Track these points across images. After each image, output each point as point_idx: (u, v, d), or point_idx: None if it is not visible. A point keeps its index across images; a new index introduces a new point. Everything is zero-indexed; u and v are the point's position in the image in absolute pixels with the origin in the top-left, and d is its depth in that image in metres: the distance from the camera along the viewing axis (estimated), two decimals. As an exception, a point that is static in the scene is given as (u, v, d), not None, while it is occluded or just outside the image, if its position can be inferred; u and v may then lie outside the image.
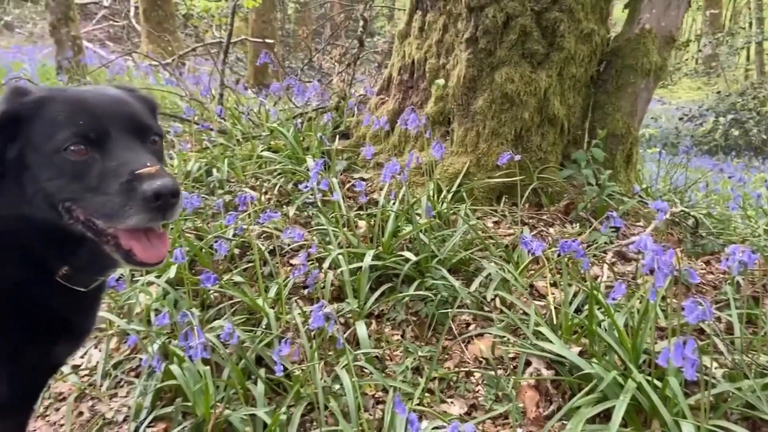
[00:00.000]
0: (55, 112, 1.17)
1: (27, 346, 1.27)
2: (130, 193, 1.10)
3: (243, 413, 1.91)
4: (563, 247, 1.93)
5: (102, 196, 1.12)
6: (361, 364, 2.07)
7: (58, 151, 1.13)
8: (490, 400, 1.92)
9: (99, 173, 1.14)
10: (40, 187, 1.16)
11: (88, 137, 1.15)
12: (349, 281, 2.42)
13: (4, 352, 1.23)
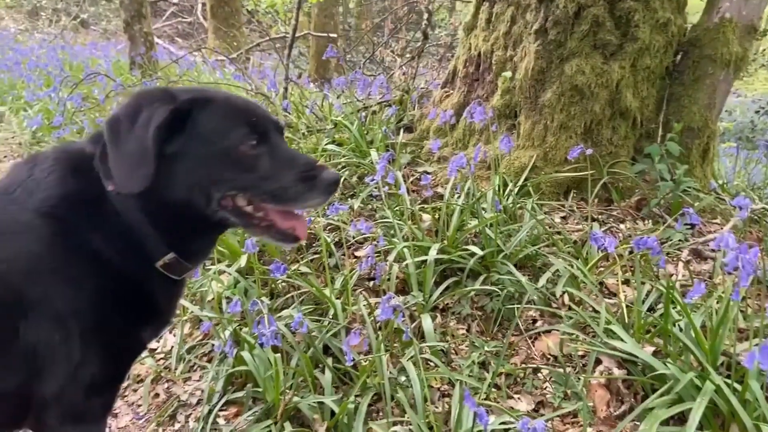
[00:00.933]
0: (224, 111, 1.31)
1: (122, 330, 1.35)
2: (310, 180, 1.30)
3: (312, 401, 1.96)
4: (638, 244, 1.88)
5: (279, 183, 1.30)
6: (426, 357, 2.08)
7: (235, 146, 1.28)
8: (559, 397, 1.89)
9: (271, 164, 1.30)
10: (199, 177, 1.28)
11: (258, 133, 1.30)
12: (414, 274, 2.43)
13: (102, 336, 1.30)
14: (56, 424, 1.32)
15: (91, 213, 1.28)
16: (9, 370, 1.23)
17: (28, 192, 1.26)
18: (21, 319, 1.20)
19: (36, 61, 8.82)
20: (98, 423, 1.43)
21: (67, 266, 1.25)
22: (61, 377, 1.27)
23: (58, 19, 17.57)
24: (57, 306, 1.23)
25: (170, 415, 2.15)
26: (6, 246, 1.20)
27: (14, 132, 6.09)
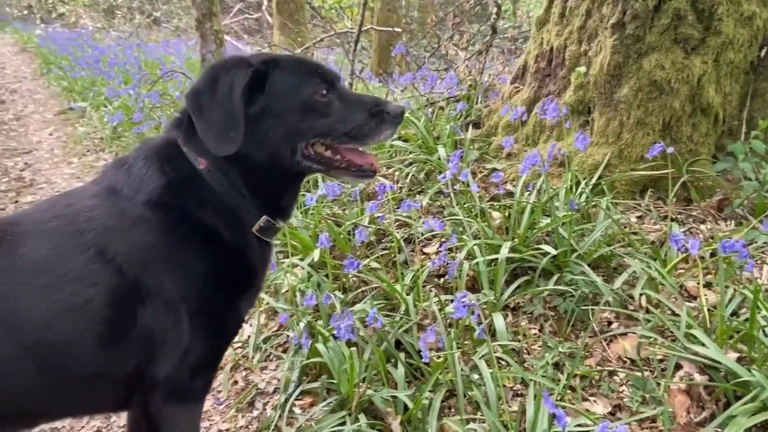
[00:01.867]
0: (295, 68, 1.45)
1: (226, 308, 1.43)
2: (379, 116, 1.45)
3: (385, 394, 1.99)
4: (725, 247, 1.82)
5: (354, 123, 1.43)
6: (498, 356, 2.08)
7: (310, 96, 1.42)
8: (637, 401, 1.86)
9: (343, 108, 1.44)
10: (284, 130, 1.40)
11: (327, 82, 1.44)
12: (485, 272, 2.43)
13: (209, 318, 1.38)
14: (160, 403, 1.40)
15: (192, 196, 1.37)
16: (128, 354, 1.31)
17: (134, 189, 1.34)
18: (139, 306, 1.28)
19: (114, 59, 9.24)
20: (198, 402, 1.51)
21: (179, 253, 1.34)
22: (171, 359, 1.35)
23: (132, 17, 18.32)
24: (170, 292, 1.31)
25: (249, 402, 2.24)
26: (123, 240, 1.28)
27: (96, 127, 6.41)
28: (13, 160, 5.58)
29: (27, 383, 1.23)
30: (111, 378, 1.33)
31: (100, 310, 1.24)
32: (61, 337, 1.22)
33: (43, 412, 1.38)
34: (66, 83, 8.92)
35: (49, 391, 1.28)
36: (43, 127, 6.91)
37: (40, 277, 1.22)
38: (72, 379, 1.29)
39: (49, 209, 1.34)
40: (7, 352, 1.18)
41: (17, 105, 8.03)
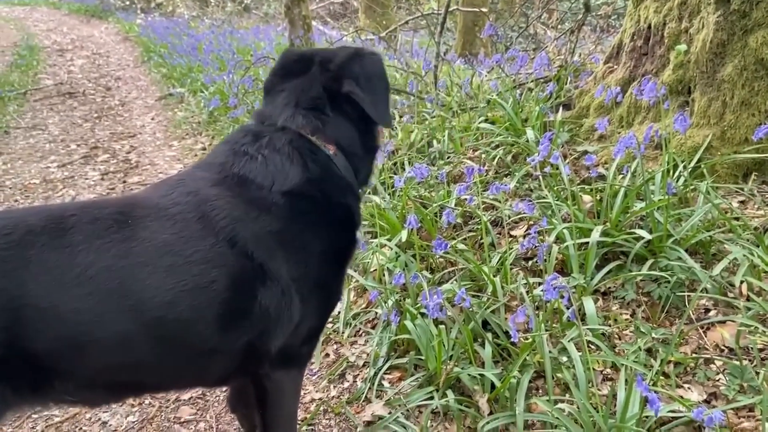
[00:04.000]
0: None
1: (340, 276, 1.57)
2: None
3: (473, 372, 2.04)
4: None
5: None
6: (588, 339, 2.07)
7: None
8: (734, 390, 1.81)
9: None
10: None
11: None
12: (575, 256, 2.40)
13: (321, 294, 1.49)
14: (269, 370, 1.51)
15: (330, 181, 1.50)
16: (245, 331, 1.39)
17: (273, 179, 1.44)
18: (260, 287, 1.36)
19: (209, 46, 9.66)
20: (303, 366, 1.62)
21: (303, 238, 1.44)
22: (284, 333, 1.44)
23: (224, 4, 19.00)
24: (290, 275, 1.40)
25: (339, 374, 2.34)
26: (252, 227, 1.37)
27: (193, 112, 6.76)
28: (120, 143, 5.99)
29: (144, 357, 1.32)
30: (225, 353, 1.41)
31: (223, 290, 1.32)
32: (183, 315, 1.29)
33: (155, 384, 1.50)
34: (165, 70, 9.43)
35: (164, 365, 1.37)
36: (145, 112, 7.36)
37: (165, 258, 1.29)
38: (187, 354, 1.37)
39: (167, 195, 1.40)
40: (129, 328, 1.26)
41: (122, 91, 8.59)
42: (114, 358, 1.29)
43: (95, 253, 1.26)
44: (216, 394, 2.30)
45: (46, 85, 8.57)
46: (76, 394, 1.33)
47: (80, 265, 1.24)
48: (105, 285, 1.25)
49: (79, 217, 1.31)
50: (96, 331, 1.24)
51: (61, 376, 1.28)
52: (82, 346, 1.25)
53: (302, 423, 2.10)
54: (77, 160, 5.36)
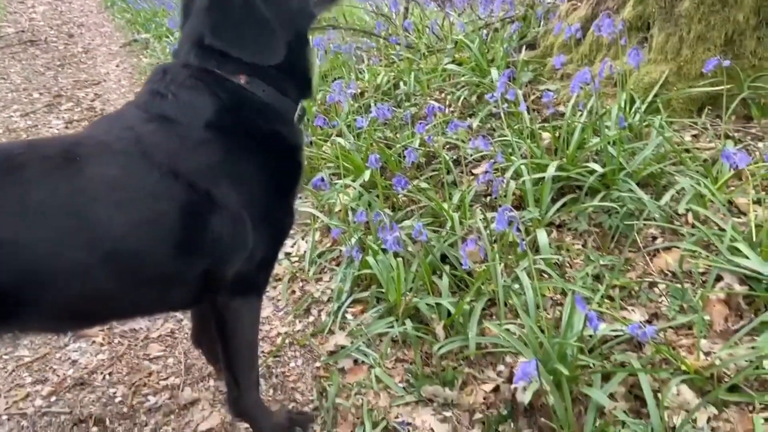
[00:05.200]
0: None
1: (286, 203, 1.58)
2: None
3: (431, 301, 2.12)
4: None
5: None
6: (540, 268, 2.16)
7: None
8: (674, 310, 1.91)
9: None
10: None
11: None
12: (531, 191, 2.47)
13: (270, 220, 1.52)
14: (227, 297, 1.56)
15: (245, 110, 1.47)
16: (200, 259, 1.44)
17: (188, 116, 1.43)
18: (210, 217, 1.40)
19: (174, -9, 9.35)
20: (260, 294, 1.67)
21: (242, 167, 1.46)
22: (239, 260, 1.49)
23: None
24: (237, 203, 1.43)
25: (305, 310, 2.41)
26: (191, 160, 1.40)
27: (159, 58, 6.61)
28: (84, 91, 5.87)
29: (104, 288, 1.36)
30: (183, 281, 1.47)
31: (174, 221, 1.37)
32: (138, 247, 1.35)
33: (118, 312, 1.55)
34: (129, 15, 9.15)
35: (125, 295, 1.42)
36: (109, 59, 7.17)
37: (115, 193, 1.33)
38: (147, 284, 1.42)
39: (109, 131, 1.43)
40: (87, 261, 1.31)
41: (85, 38, 8.33)
42: (75, 290, 1.33)
43: (49, 190, 1.29)
44: (184, 332, 2.36)
45: (7, 33, 8.28)
46: (42, 323, 1.40)
47: (35, 201, 1.27)
48: (61, 220, 1.29)
49: (28, 156, 1.33)
50: (55, 265, 1.28)
51: (26, 307, 1.33)
52: (44, 278, 1.29)
53: (268, 355, 2.18)
54: (40, 109, 5.26)
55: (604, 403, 1.61)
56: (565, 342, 1.71)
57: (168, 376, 2.13)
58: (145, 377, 2.12)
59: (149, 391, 2.06)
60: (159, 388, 2.07)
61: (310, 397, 1.99)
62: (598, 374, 1.69)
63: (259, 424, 1.81)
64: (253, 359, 1.74)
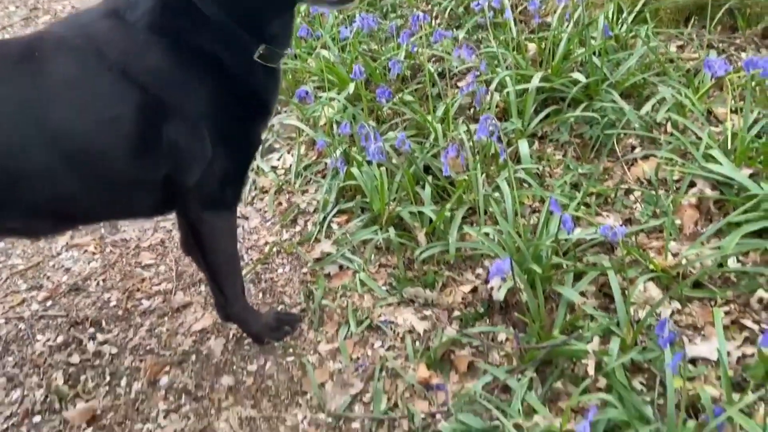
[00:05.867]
0: None
1: (242, 126, 1.58)
2: None
3: (413, 209, 2.18)
4: (748, 65, 1.81)
5: None
6: (521, 177, 2.21)
7: None
8: (647, 215, 1.98)
9: None
10: None
11: None
12: (515, 102, 2.48)
13: (227, 134, 1.54)
14: (198, 209, 1.62)
15: (187, 20, 1.43)
16: (158, 163, 1.49)
17: (133, 12, 1.41)
18: (163, 122, 1.43)
19: None
20: (231, 209, 1.72)
21: (190, 76, 1.46)
22: (197, 170, 1.53)
23: None
24: (189, 111, 1.45)
25: (291, 220, 2.47)
26: (141, 61, 1.40)
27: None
28: (61, 3, 5.63)
29: (72, 188, 1.42)
30: (146, 184, 1.52)
31: (128, 123, 1.40)
32: (95, 146, 1.40)
33: (91, 214, 1.61)
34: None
35: (93, 195, 1.48)
36: (86, -28, 6.89)
37: (73, 92, 1.37)
38: (109, 184, 1.48)
39: (69, 28, 1.44)
40: (51, 159, 1.36)
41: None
42: (45, 189, 1.39)
43: (9, 88, 1.33)
44: (174, 241, 2.42)
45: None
46: (18, 223, 1.46)
47: None
48: (23, 119, 1.33)
49: None
50: (22, 163, 1.34)
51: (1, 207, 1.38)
52: (13, 177, 1.34)
53: (257, 262, 2.25)
54: (17, 23, 5.10)
55: (574, 300, 1.70)
56: (539, 243, 1.78)
57: (160, 282, 2.21)
58: (138, 283, 2.20)
59: (142, 296, 2.14)
60: (152, 293, 2.15)
61: (297, 300, 2.08)
62: (570, 274, 1.77)
63: (248, 325, 1.90)
64: (234, 270, 1.81)
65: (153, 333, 1.99)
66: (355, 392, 1.73)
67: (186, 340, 1.96)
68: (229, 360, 1.88)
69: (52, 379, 1.82)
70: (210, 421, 1.69)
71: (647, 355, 1.53)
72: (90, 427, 1.69)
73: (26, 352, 1.93)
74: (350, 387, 1.74)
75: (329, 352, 1.87)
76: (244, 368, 1.85)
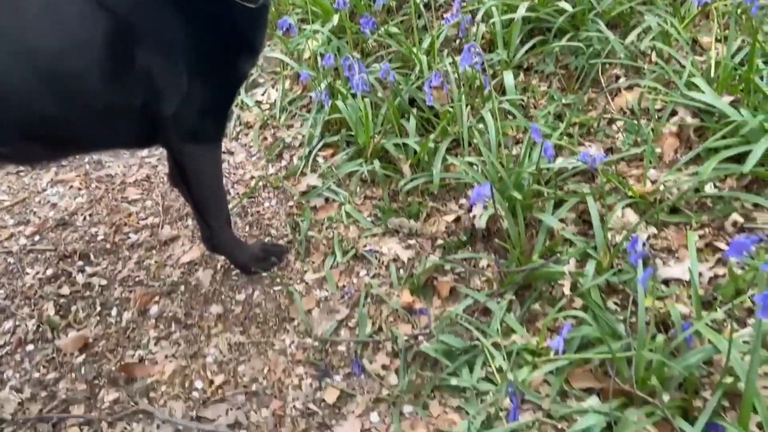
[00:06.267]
0: None
1: (220, 60, 1.57)
2: None
3: (397, 141, 2.18)
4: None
5: None
6: (505, 108, 2.21)
7: None
8: (628, 144, 2.00)
9: None
10: None
11: None
12: (501, 33, 2.45)
13: (204, 65, 1.54)
14: (179, 141, 1.63)
15: None
16: (133, 89, 1.49)
17: None
18: (135, 47, 1.43)
19: None
20: (214, 142, 1.72)
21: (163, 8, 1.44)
22: (174, 99, 1.53)
23: None
24: (161, 37, 1.45)
25: (277, 154, 2.47)
26: None
27: None
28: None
29: (48, 110, 1.44)
30: (124, 111, 1.53)
31: (101, 47, 1.41)
32: (70, 69, 1.41)
33: (75, 141, 1.62)
34: None
35: (74, 120, 1.50)
36: None
37: (46, 17, 1.38)
38: (87, 108, 1.49)
39: None
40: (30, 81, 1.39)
41: None
42: (27, 113, 1.42)
43: None
44: (159, 176, 2.43)
45: None
46: (7, 149, 1.49)
47: None
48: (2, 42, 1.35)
49: None
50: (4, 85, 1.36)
51: None
52: None
53: (242, 196, 2.27)
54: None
55: (554, 226, 1.74)
56: (521, 170, 1.80)
57: (147, 217, 2.22)
58: (125, 218, 2.21)
59: (130, 230, 2.16)
60: (139, 227, 2.17)
61: (284, 232, 2.11)
62: (551, 201, 1.80)
63: (234, 256, 1.93)
64: (219, 202, 1.82)
65: (141, 265, 2.02)
66: (341, 318, 1.78)
67: (174, 272, 1.99)
68: (218, 290, 1.92)
69: (44, 310, 1.86)
70: (200, 347, 1.74)
71: (622, 277, 1.58)
72: (83, 355, 1.73)
73: (16, 284, 1.96)
74: (336, 313, 1.79)
75: (316, 281, 1.91)
76: (233, 297, 1.89)
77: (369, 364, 1.62)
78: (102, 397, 1.60)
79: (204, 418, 1.53)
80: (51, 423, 1.53)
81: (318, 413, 1.52)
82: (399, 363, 1.60)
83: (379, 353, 1.65)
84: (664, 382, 1.29)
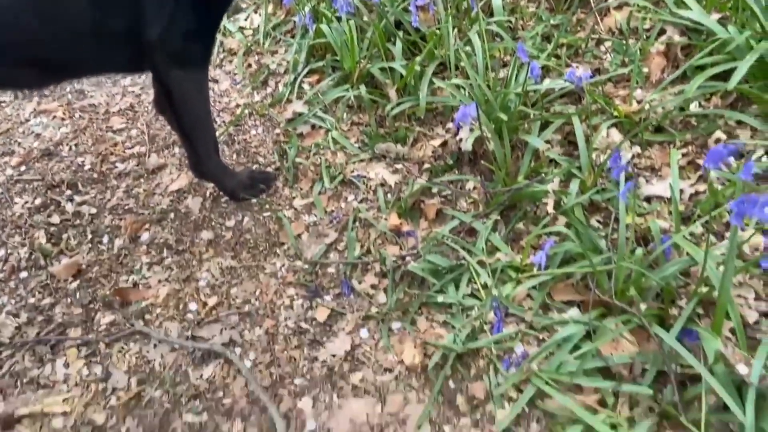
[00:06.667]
0: None
1: None
2: None
3: (383, 65, 2.16)
4: None
5: None
6: (493, 29, 2.17)
7: None
8: (616, 64, 1.99)
9: None
10: None
11: None
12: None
13: None
14: (165, 65, 1.61)
15: None
16: (117, 12, 1.48)
17: None
18: None
19: None
20: (200, 67, 1.70)
21: None
22: (159, 23, 1.51)
23: None
24: None
25: (262, 82, 2.44)
26: None
27: None
28: None
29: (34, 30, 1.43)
30: (111, 35, 1.52)
31: None
32: None
33: (64, 65, 1.60)
34: None
35: (62, 43, 1.49)
36: None
37: None
38: (74, 31, 1.48)
39: None
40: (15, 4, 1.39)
41: None
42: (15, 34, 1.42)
43: None
44: (144, 106, 2.40)
45: None
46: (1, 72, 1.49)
47: None
48: None
49: None
50: None
51: None
52: None
53: (228, 125, 2.25)
54: None
55: (540, 147, 1.75)
56: (507, 92, 1.80)
57: (133, 146, 2.21)
58: (111, 147, 2.20)
59: (117, 159, 2.15)
60: (126, 156, 2.16)
61: (271, 159, 2.11)
62: (537, 123, 1.81)
63: (222, 183, 1.94)
64: (206, 128, 1.81)
65: (130, 194, 2.03)
66: (329, 241, 1.81)
67: (163, 200, 2.00)
68: (207, 217, 1.93)
69: (35, 238, 1.87)
70: (192, 271, 1.77)
71: (605, 195, 1.61)
72: (77, 280, 1.76)
73: (6, 214, 1.96)
74: (325, 237, 1.82)
75: (304, 206, 1.93)
76: (223, 224, 1.91)
77: (358, 284, 1.66)
78: (98, 320, 1.64)
79: (199, 338, 1.58)
80: (49, 345, 1.57)
81: (309, 331, 1.57)
82: (387, 282, 1.64)
83: (367, 274, 1.69)
84: (642, 292, 1.34)
